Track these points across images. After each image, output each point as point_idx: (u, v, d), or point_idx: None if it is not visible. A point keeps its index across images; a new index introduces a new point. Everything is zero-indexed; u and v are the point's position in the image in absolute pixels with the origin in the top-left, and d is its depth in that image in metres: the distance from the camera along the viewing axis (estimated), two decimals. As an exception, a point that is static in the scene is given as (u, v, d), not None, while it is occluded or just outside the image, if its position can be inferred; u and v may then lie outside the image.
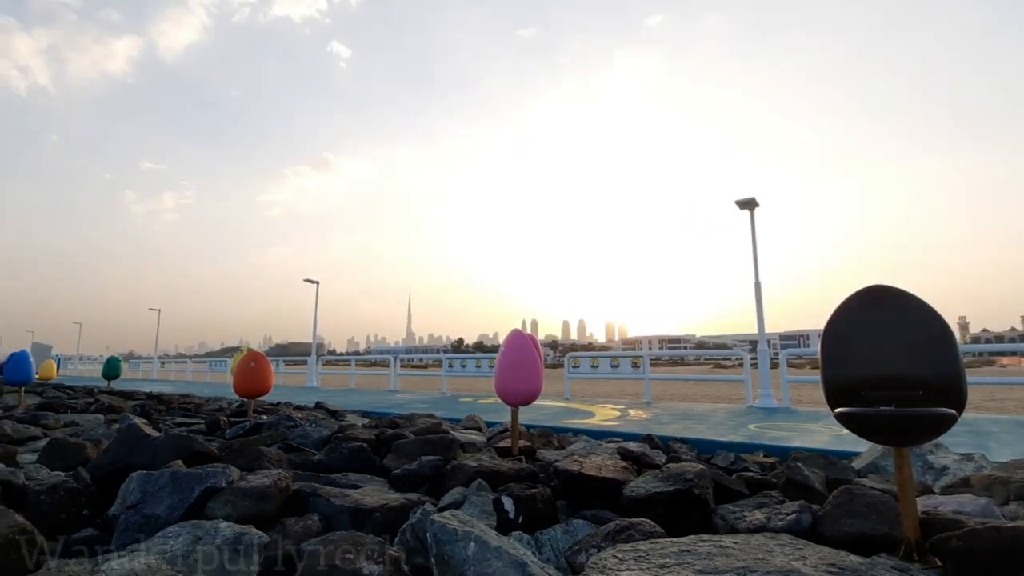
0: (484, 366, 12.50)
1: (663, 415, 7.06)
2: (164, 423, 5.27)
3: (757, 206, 9.85)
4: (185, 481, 2.33)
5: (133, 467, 2.75)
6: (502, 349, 3.58)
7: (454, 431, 4.30)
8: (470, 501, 2.44)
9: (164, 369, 26.92)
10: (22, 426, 4.64)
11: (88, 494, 2.65)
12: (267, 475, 2.50)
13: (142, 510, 2.23)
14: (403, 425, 4.64)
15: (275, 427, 4.30)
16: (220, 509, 2.24)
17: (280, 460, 3.25)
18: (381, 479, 3.04)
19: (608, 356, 11.00)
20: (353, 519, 2.29)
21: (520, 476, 2.83)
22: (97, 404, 7.39)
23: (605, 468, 2.74)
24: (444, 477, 2.93)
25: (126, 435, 3.02)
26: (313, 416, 5.94)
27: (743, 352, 10.39)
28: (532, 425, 5.33)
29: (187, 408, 7.38)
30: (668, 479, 2.49)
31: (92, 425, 5.27)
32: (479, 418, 5.40)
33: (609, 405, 8.81)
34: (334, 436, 3.95)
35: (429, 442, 3.41)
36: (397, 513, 2.31)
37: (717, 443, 4.74)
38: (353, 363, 17.00)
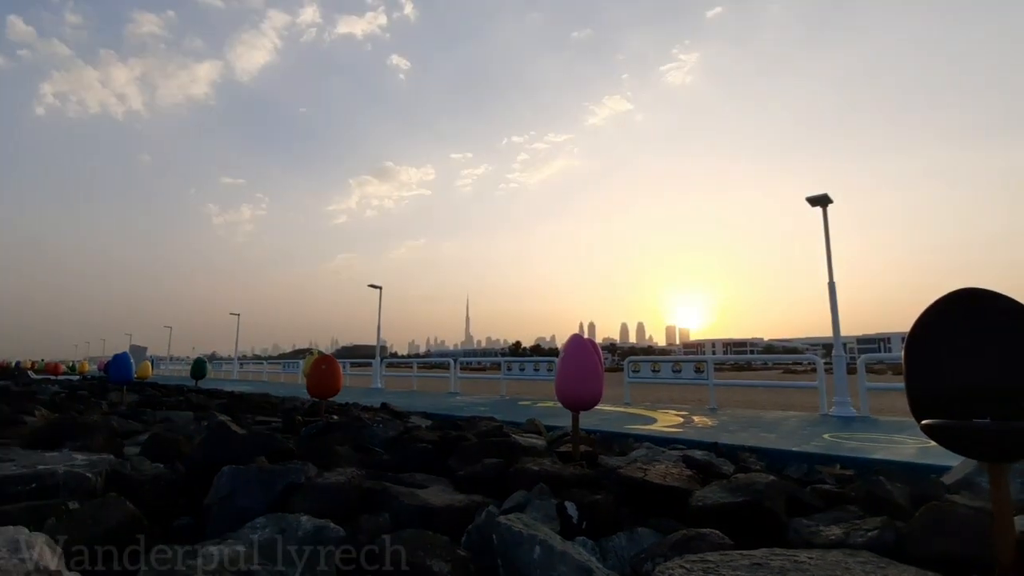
0: (543, 370, 12.51)
1: (729, 423, 6.81)
2: (246, 421, 5.64)
3: (830, 203, 9.34)
4: (269, 476, 2.50)
5: (222, 462, 2.99)
6: (562, 353, 3.59)
7: (515, 435, 4.35)
8: (533, 505, 2.47)
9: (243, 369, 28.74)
10: (126, 421, 5.12)
11: (184, 485, 2.91)
12: (342, 473, 2.65)
13: (232, 502, 2.42)
14: (465, 428, 4.74)
15: (346, 427, 4.52)
16: (301, 503, 2.39)
17: (352, 459, 3.41)
18: (446, 480, 3.13)
19: (669, 360, 10.74)
20: (421, 518, 2.38)
21: (582, 481, 2.84)
22: (187, 402, 8.02)
23: (670, 476, 2.71)
24: (507, 480, 2.98)
25: (216, 432, 3.28)
26: (380, 417, 6.18)
27: (816, 357, 9.85)
28: (592, 430, 5.31)
29: (265, 407, 7.87)
30: (737, 490, 2.42)
31: (184, 421, 5.73)
32: (539, 422, 5.43)
33: (671, 411, 8.61)
34: (400, 437, 4.10)
35: (491, 445, 3.48)
36: (462, 514, 2.38)
37: (789, 453, 4.53)
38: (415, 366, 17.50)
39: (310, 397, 6.97)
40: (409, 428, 4.54)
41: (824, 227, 9.32)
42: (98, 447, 3.74)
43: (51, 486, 2.72)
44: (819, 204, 9.40)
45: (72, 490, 2.73)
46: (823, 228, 9.32)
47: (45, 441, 3.96)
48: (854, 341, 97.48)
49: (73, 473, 2.80)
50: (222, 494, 2.48)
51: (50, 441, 3.95)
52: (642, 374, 10.68)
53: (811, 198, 9.42)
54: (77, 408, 6.81)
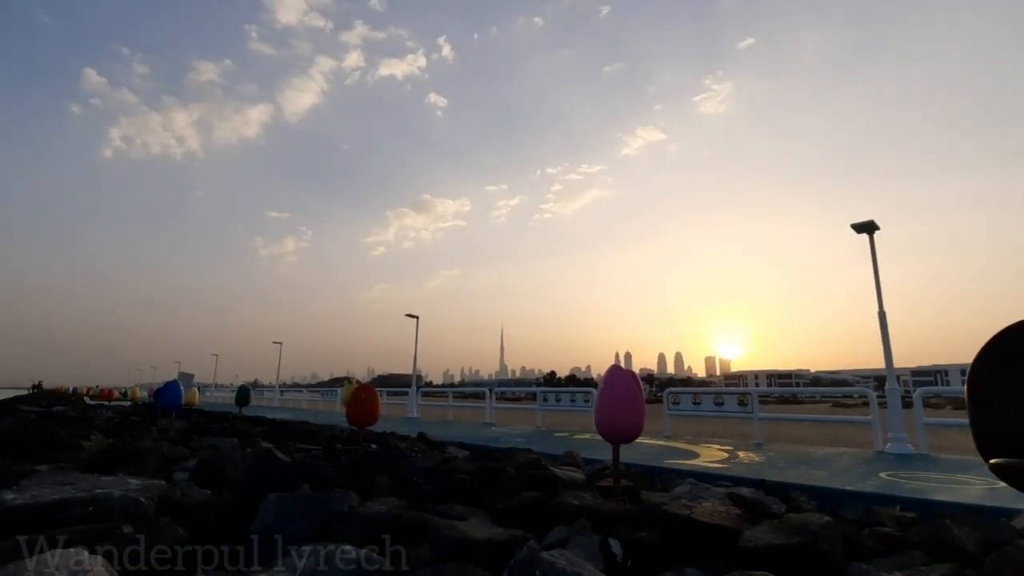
0: (579, 401, 12.31)
1: (777, 459, 6.52)
2: (288, 448, 5.75)
3: (876, 229, 9.03)
4: (313, 504, 2.54)
5: (268, 488, 3.05)
6: (602, 384, 3.55)
7: (553, 467, 4.29)
8: (575, 541, 2.42)
9: (283, 397, 29.37)
10: (175, 447, 5.30)
11: (231, 511, 2.97)
12: (383, 503, 2.66)
13: (278, 528, 2.46)
14: (503, 459, 4.70)
15: (385, 457, 4.55)
16: (343, 532, 2.42)
17: (391, 489, 3.43)
18: (484, 512, 3.10)
19: (711, 392, 10.41)
20: (461, 550, 2.36)
21: (625, 518, 2.76)
22: (232, 429, 8.24)
23: (717, 514, 2.61)
24: (546, 514, 2.93)
25: (261, 459, 3.36)
26: (417, 447, 6.19)
27: (868, 389, 9.38)
28: (633, 464, 5.18)
29: (305, 435, 8.00)
30: (789, 530, 2.32)
31: (229, 448, 5.88)
32: (577, 455, 5.33)
33: (715, 446, 8.31)
34: (439, 468, 4.10)
35: (530, 478, 3.44)
36: (503, 548, 2.35)
37: (842, 492, 4.30)
38: (450, 395, 17.52)
39: (349, 426, 7.05)
40: (447, 459, 4.54)
41: (871, 254, 9.01)
42: (150, 472, 3.87)
43: (107, 510, 2.83)
44: (865, 231, 9.12)
45: (127, 514, 2.83)
46: (870, 255, 9.01)
47: (101, 465, 4.13)
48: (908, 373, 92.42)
49: (128, 497, 2.90)
50: (268, 521, 2.52)
51: (105, 466, 4.12)
52: (682, 406, 10.38)
53: (856, 225, 9.15)
54: (130, 434, 7.09)
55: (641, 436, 4.00)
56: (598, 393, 3.57)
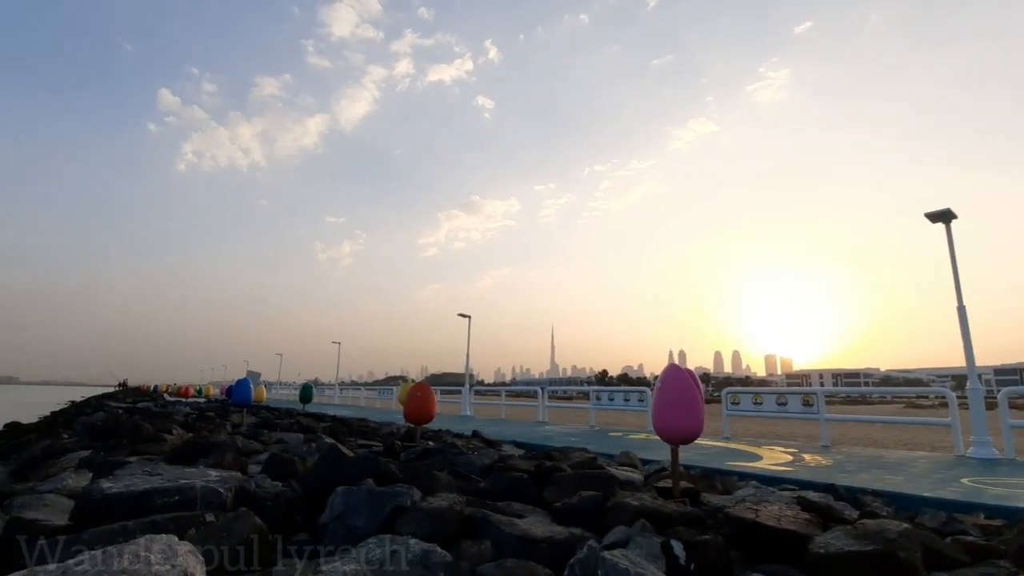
0: (633, 400, 12.12)
1: (846, 462, 6.20)
2: (349, 444, 5.97)
3: (953, 218, 8.41)
4: (378, 498, 2.64)
5: (334, 482, 3.18)
6: (659, 384, 3.50)
7: (610, 467, 4.25)
8: (635, 542, 2.40)
9: (342, 395, 30.49)
10: (248, 441, 5.61)
11: (301, 503, 3.12)
12: (444, 499, 2.73)
13: (345, 521, 2.57)
14: (558, 458, 4.70)
15: (442, 453, 4.65)
16: (407, 526, 2.49)
17: (450, 485, 3.50)
18: (542, 511, 3.12)
19: (773, 392, 9.99)
20: (521, 548, 2.38)
21: (686, 520, 2.71)
22: (297, 425, 8.64)
23: (784, 519, 2.52)
24: (605, 514, 2.92)
25: (329, 454, 3.51)
26: (472, 445, 6.29)
27: (946, 390, 8.74)
28: (691, 465, 5.06)
29: (365, 431, 8.28)
30: (864, 537, 2.21)
31: (295, 443, 6.17)
32: (634, 455, 5.26)
33: (778, 448, 7.99)
34: (495, 465, 4.15)
35: (587, 477, 3.43)
36: (563, 547, 2.36)
37: (920, 499, 4.04)
38: (503, 394, 17.65)
39: (406, 423, 7.25)
40: (503, 457, 4.59)
41: (948, 245, 8.40)
42: (227, 465, 4.12)
43: (191, 499, 3.03)
44: (941, 220, 8.51)
45: (208, 503, 3.02)
46: (948, 247, 8.40)
47: (183, 457, 4.43)
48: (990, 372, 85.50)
49: (208, 488, 3.10)
50: (336, 513, 2.64)
51: (187, 458, 4.42)
52: (742, 407, 10.02)
53: (931, 214, 8.56)
54: (207, 428, 7.57)
55: (700, 437, 3.90)
56: (655, 392, 3.51)
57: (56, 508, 3.02)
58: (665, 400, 3.39)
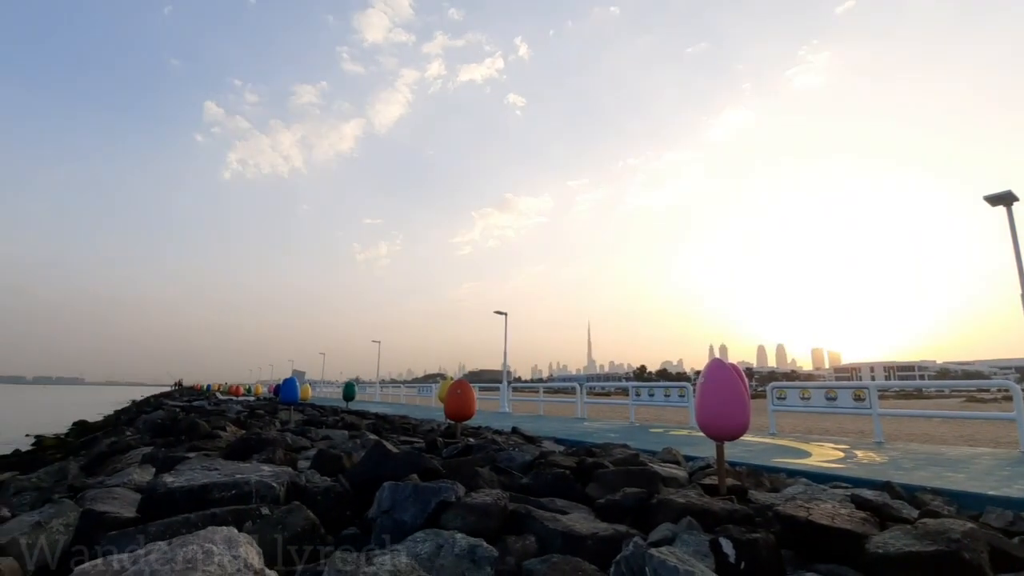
0: (673, 395, 11.91)
1: (902, 459, 5.93)
2: (392, 440, 6.11)
3: (1015, 200, 7.93)
4: (424, 493, 2.69)
5: (381, 478, 3.26)
6: (702, 379, 3.43)
7: (652, 463, 4.21)
8: (681, 539, 2.37)
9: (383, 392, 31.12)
10: (296, 438, 5.81)
11: (349, 498, 3.21)
12: (488, 494, 2.76)
13: (393, 515, 2.64)
14: (600, 455, 4.68)
15: (484, 449, 4.70)
16: (452, 521, 2.54)
17: (492, 481, 3.54)
18: (585, 507, 3.11)
19: (822, 387, 9.63)
20: (566, 544, 2.39)
21: (735, 517, 2.66)
22: (342, 422, 8.88)
23: (839, 518, 2.44)
24: (649, 511, 2.89)
25: (374, 450, 3.60)
26: (512, 441, 6.32)
27: (1011, 383, 8.24)
28: (737, 462, 4.94)
29: (406, 428, 8.44)
30: (925, 537, 2.12)
31: (340, 439, 6.35)
32: (677, 451, 5.18)
33: (828, 444, 7.71)
34: (536, 461, 4.16)
35: (630, 474, 3.40)
36: (608, 543, 2.35)
37: (985, 497, 3.83)
38: (541, 390, 17.67)
39: (445, 419, 7.34)
40: (544, 453, 4.60)
41: (1011, 229, 7.93)
42: (278, 460, 4.28)
43: (246, 493, 3.16)
44: (1002, 203, 8.05)
45: (262, 497, 3.15)
46: (1009, 231, 7.93)
47: (237, 453, 4.62)
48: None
49: (263, 482, 3.23)
50: (384, 508, 2.71)
51: (241, 453, 4.61)
52: (788, 402, 9.71)
53: (991, 197, 8.10)
54: (258, 425, 7.87)
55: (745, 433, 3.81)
56: (698, 388, 3.45)
57: (124, 501, 3.20)
58: (709, 396, 3.33)
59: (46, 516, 2.79)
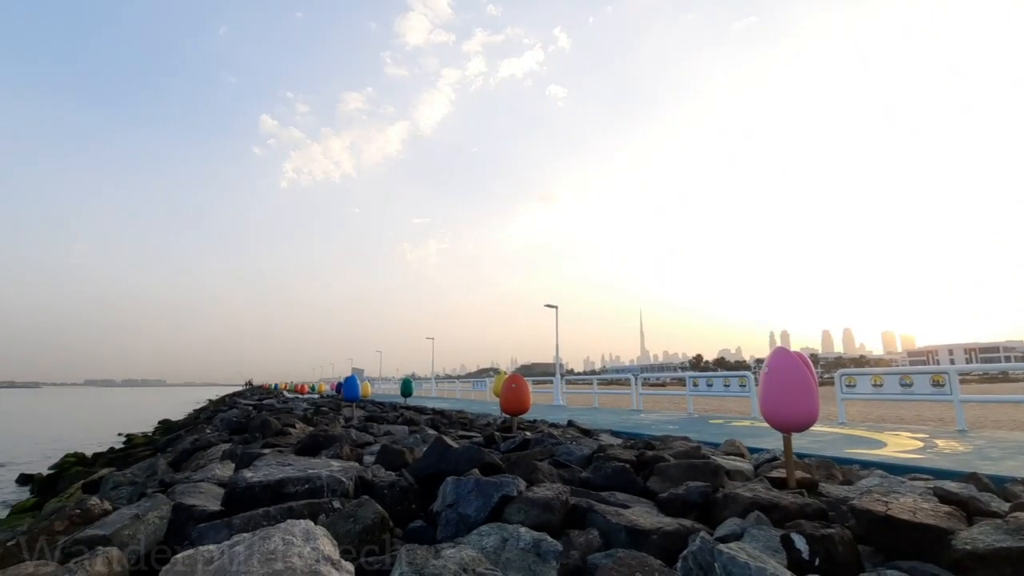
0: (733, 385, 11.55)
1: (988, 448, 5.53)
2: (450, 435, 6.24)
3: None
4: (486, 488, 2.74)
5: (443, 472, 3.35)
6: (766, 368, 3.32)
7: (715, 456, 4.11)
8: (750, 534, 2.32)
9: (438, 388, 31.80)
10: (360, 434, 6.04)
11: (413, 492, 3.32)
12: (549, 488, 2.78)
13: (457, 509, 2.71)
14: (659, 448, 4.61)
15: (541, 443, 4.73)
16: (515, 515, 2.58)
17: (552, 475, 3.56)
18: (647, 501, 3.09)
19: (895, 372, 9.07)
20: (630, 538, 2.38)
21: (806, 512, 2.57)
22: (401, 417, 9.15)
23: (920, 512, 2.31)
24: (714, 505, 2.84)
25: (435, 445, 3.70)
26: (569, 434, 6.32)
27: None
28: (806, 454, 4.75)
29: (463, 423, 8.60)
30: (1019, 532, 1.98)
31: (401, 435, 6.55)
32: (740, 443, 5.03)
33: (904, 433, 7.29)
34: (595, 455, 4.15)
35: (693, 467, 3.34)
36: (673, 538, 2.33)
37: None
38: (595, 383, 17.55)
39: (501, 414, 7.43)
40: (602, 446, 4.58)
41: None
42: (345, 456, 4.46)
43: (318, 487, 3.32)
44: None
45: (333, 491, 3.30)
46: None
47: (308, 449, 4.86)
48: None
49: (333, 477, 3.38)
50: (448, 502, 2.78)
51: (311, 449, 4.84)
52: (859, 389, 9.23)
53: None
54: (324, 422, 8.23)
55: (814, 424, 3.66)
56: (762, 377, 3.34)
57: (209, 495, 3.43)
58: (774, 385, 3.21)
59: (143, 509, 3.03)
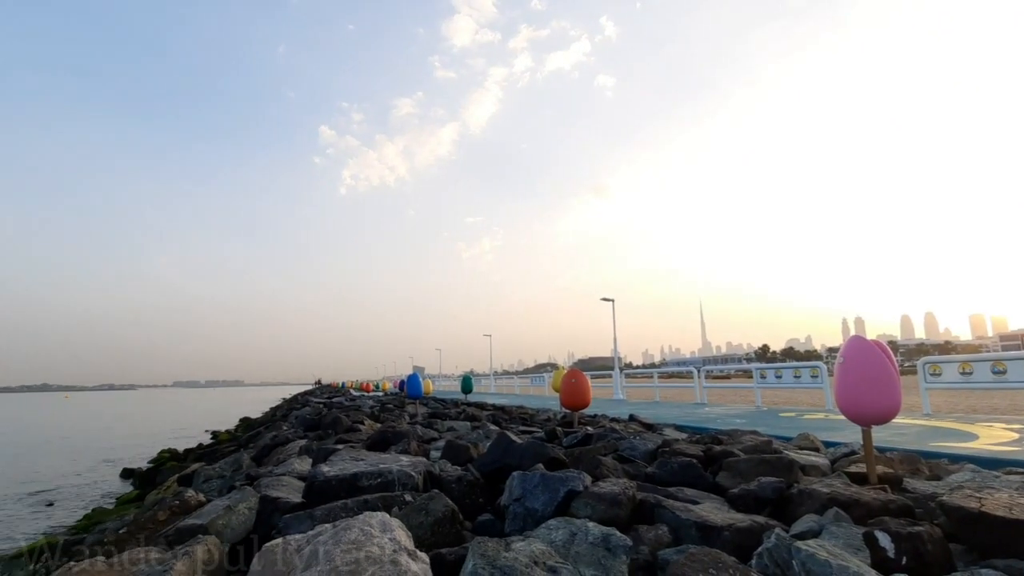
0: (805, 376, 11.00)
1: (1102, 441, 5.02)
2: (511, 430, 6.32)
3: None
4: (551, 482, 2.78)
5: (507, 467, 3.42)
6: (841, 358, 3.16)
7: (787, 450, 3.96)
8: (829, 532, 2.23)
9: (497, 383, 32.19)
10: (425, 430, 6.23)
11: (480, 486, 3.40)
12: (615, 483, 2.78)
13: (524, 503, 2.76)
14: (727, 442, 4.49)
15: (604, 438, 4.71)
16: (582, 510, 2.60)
17: (616, 470, 3.55)
18: (717, 497, 3.02)
19: (987, 359, 8.35)
20: (701, 534, 2.35)
21: (890, 509, 2.44)
22: (463, 413, 9.35)
23: (1017, 508, 2.15)
24: (788, 502, 2.74)
25: (500, 440, 3.77)
26: (632, 429, 6.26)
27: None
28: (888, 448, 4.49)
29: (524, 418, 8.67)
30: None
31: (464, 430, 6.69)
32: (814, 437, 4.81)
33: (998, 424, 6.73)
34: (660, 450, 4.10)
35: (764, 461, 3.24)
36: (746, 535, 2.27)
37: None
38: (655, 376, 17.20)
39: (561, 409, 7.44)
40: (667, 441, 4.51)
41: None
42: (413, 451, 4.63)
43: (390, 481, 3.46)
44: None
45: (403, 485, 3.43)
46: None
47: (377, 445, 5.07)
48: None
49: (403, 471, 3.52)
50: (515, 496, 2.84)
51: (380, 445, 5.05)
52: (945, 377, 8.59)
53: None
54: (391, 419, 8.54)
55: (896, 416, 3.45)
56: (837, 368, 3.18)
57: (291, 487, 3.66)
58: (851, 376, 3.06)
59: (234, 501, 3.27)
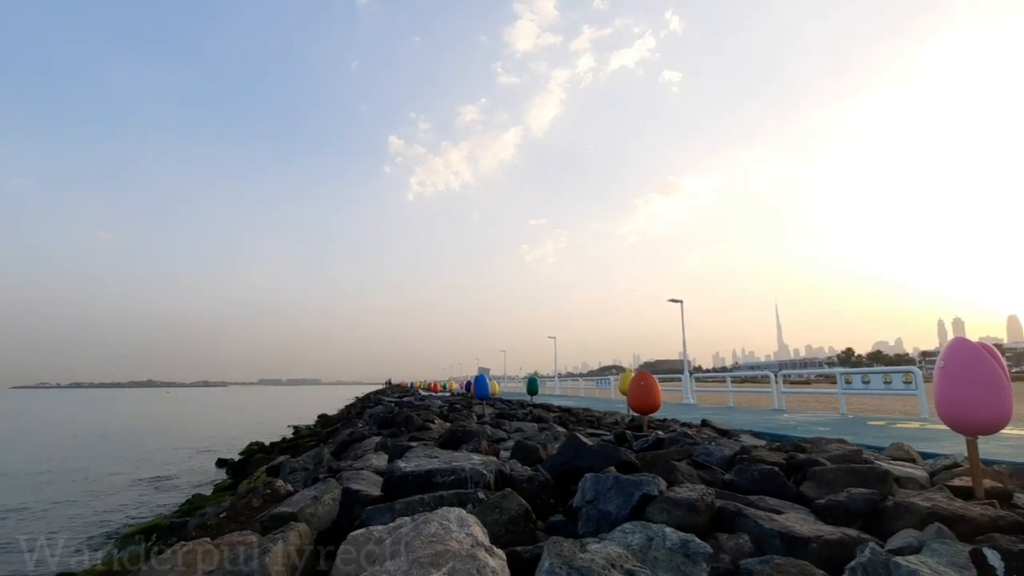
0: (897, 382, 10.18)
1: None
2: (578, 432, 6.29)
3: None
4: (625, 485, 2.75)
5: (577, 468, 3.41)
6: (942, 362, 2.92)
7: (880, 461, 3.70)
8: (930, 548, 2.07)
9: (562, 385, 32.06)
10: (494, 430, 6.32)
11: (550, 487, 3.42)
12: (691, 489, 2.71)
13: (597, 505, 2.75)
14: (811, 450, 4.25)
15: (677, 443, 4.59)
16: (657, 515, 2.55)
17: (691, 475, 3.45)
18: (801, 507, 2.87)
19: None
20: (785, 545, 2.25)
21: (1000, 525, 2.24)
22: (530, 415, 9.41)
23: None
24: (882, 515, 2.57)
25: (570, 442, 3.77)
26: (705, 434, 6.06)
27: None
28: (996, 460, 4.09)
29: (591, 421, 8.60)
30: None
31: (532, 431, 6.74)
32: (910, 448, 4.46)
33: None
34: (738, 456, 3.95)
35: (854, 472, 3.05)
36: (836, 548, 2.16)
37: None
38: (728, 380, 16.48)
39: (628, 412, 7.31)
40: (745, 447, 4.33)
41: None
42: (483, 450, 4.72)
43: (463, 478, 3.55)
44: None
45: (476, 483, 3.51)
46: None
47: (448, 443, 5.20)
48: None
49: (475, 470, 3.60)
50: (588, 498, 2.83)
51: (451, 443, 5.18)
52: (1066, 386, 7.67)
53: None
54: (460, 418, 8.74)
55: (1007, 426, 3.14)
56: (937, 373, 2.94)
57: (369, 481, 3.83)
58: (952, 381, 2.81)
59: (319, 492, 3.48)
